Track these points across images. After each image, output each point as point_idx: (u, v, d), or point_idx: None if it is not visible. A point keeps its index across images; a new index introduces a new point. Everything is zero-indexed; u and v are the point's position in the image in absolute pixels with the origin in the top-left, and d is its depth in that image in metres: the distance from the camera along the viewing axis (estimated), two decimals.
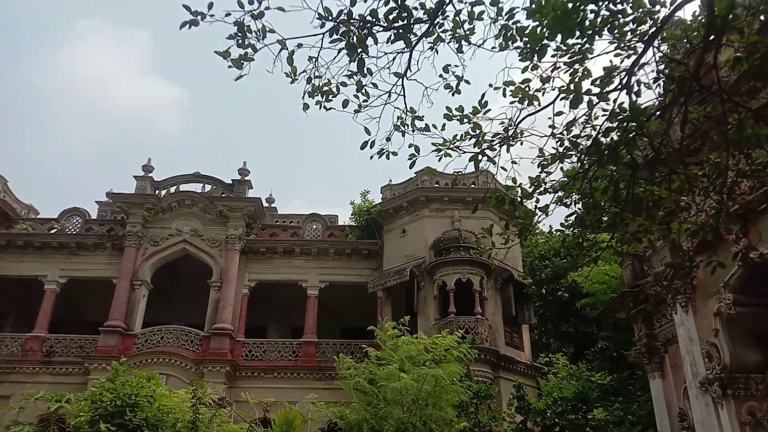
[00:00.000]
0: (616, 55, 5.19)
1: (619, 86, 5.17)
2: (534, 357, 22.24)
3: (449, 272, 19.94)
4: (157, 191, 23.56)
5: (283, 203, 65.68)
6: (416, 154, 5.63)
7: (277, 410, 15.20)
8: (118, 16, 75.19)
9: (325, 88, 5.56)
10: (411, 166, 5.94)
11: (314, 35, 5.03)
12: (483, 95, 5.48)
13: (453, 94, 5.63)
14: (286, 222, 26.30)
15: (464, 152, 5.78)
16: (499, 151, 5.65)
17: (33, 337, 21.73)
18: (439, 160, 5.68)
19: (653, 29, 5.08)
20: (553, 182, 6.00)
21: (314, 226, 24.42)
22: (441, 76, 5.52)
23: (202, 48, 73.64)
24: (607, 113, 5.31)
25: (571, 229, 9.03)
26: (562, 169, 6.18)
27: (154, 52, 77.18)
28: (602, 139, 5.49)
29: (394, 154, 6.01)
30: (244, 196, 23.54)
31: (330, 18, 4.99)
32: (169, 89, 75.05)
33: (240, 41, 4.89)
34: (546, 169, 5.73)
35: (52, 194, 63.69)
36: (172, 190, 23.78)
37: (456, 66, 5.54)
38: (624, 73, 5.15)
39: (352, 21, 5.05)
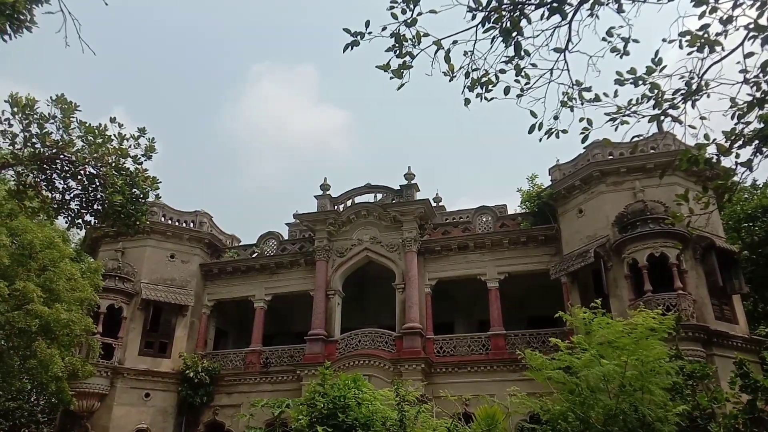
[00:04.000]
0: None
1: None
2: (752, 329, 19.78)
3: (639, 248, 18.54)
4: (335, 206, 25.21)
5: (451, 202, 66.51)
6: (589, 127, 5.38)
7: (476, 404, 15.31)
8: (283, 55, 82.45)
9: (484, 79, 5.55)
10: (584, 140, 5.70)
11: (467, 29, 5.07)
12: (656, 52, 5.08)
13: (621, 57, 5.29)
14: (456, 219, 26.47)
15: (642, 116, 5.40)
16: (684, 108, 5.17)
17: (251, 351, 24.51)
18: (616, 130, 5.37)
19: None
20: (753, 132, 5.34)
21: (484, 219, 24.26)
22: (605, 39, 5.22)
23: (362, 69, 77.70)
24: None
25: None
26: (761, 116, 5.48)
27: (320, 82, 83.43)
28: None
29: (564, 132, 5.80)
30: (413, 199, 24.17)
31: (480, 8, 4.99)
32: (337, 113, 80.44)
33: (398, 51, 5.09)
34: (743, 119, 5.11)
35: (248, 222, 71.36)
36: (348, 203, 25.27)
37: (620, 27, 5.21)
38: None
39: (503, 6, 4.99)
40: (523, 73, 5.38)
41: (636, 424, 10.37)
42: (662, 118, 5.38)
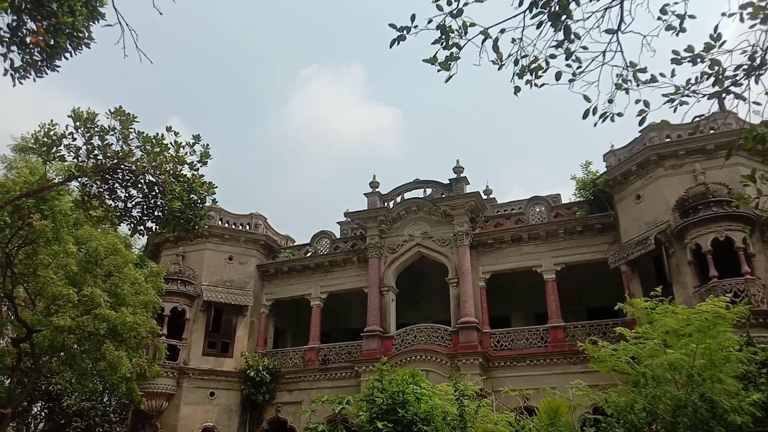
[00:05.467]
0: None
1: None
2: None
3: (703, 232, 17.82)
4: (385, 203, 25.29)
5: (503, 193, 65.81)
6: (646, 109, 5.18)
7: (536, 398, 15.08)
8: (330, 57, 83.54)
9: (534, 65, 5.43)
10: (641, 122, 5.50)
11: (514, 16, 4.98)
12: (715, 27, 4.84)
13: (677, 35, 5.07)
14: (508, 210, 26.08)
15: (702, 95, 5.17)
16: (747, 84, 4.92)
17: (310, 348, 24.92)
18: (674, 111, 5.15)
19: None
20: None
21: (538, 209, 23.79)
22: (659, 18, 5.02)
23: (409, 65, 77.83)
24: None
25: None
26: None
27: (367, 81, 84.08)
28: None
29: (620, 115, 5.62)
30: (463, 192, 23.97)
31: None
32: (386, 111, 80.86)
33: (444, 43, 5.05)
34: None
35: (300, 222, 72.70)
36: (398, 199, 25.30)
37: (675, 3, 5.00)
38: None
39: None
40: (574, 57, 5.24)
41: (707, 414, 9.98)
42: (724, 96, 5.14)
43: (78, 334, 16.92)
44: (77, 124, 10.37)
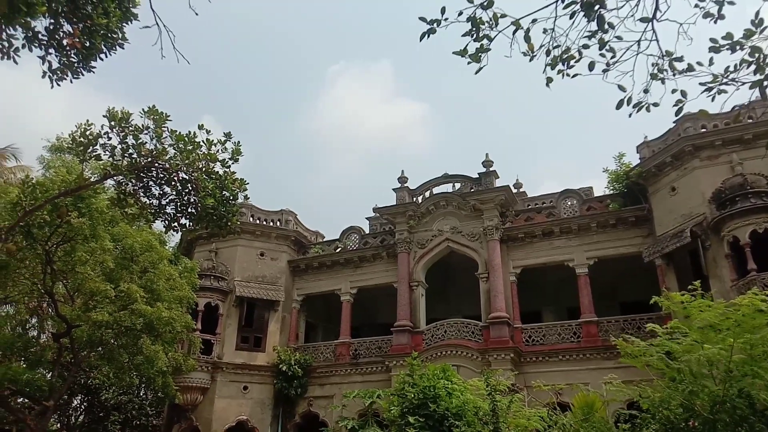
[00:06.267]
0: None
1: None
2: None
3: (740, 224, 17.36)
4: (414, 198, 25.24)
5: (534, 187, 65.13)
6: (683, 99, 5.06)
7: (569, 394, 14.91)
8: (358, 54, 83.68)
9: (566, 56, 5.34)
10: (677, 113, 5.38)
11: (546, 6, 4.91)
12: (757, 12, 4.69)
13: (715, 22, 4.93)
14: (538, 204, 25.78)
15: (742, 83, 5.02)
16: None
17: (340, 343, 25.10)
18: (713, 100, 5.01)
19: None
20: None
21: (569, 203, 23.44)
22: (696, 6, 4.89)
23: (438, 59, 77.48)
24: None
25: None
26: None
27: (396, 77, 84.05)
28: None
29: (655, 105, 5.49)
30: (492, 186, 23.75)
31: None
32: (415, 106, 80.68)
33: (475, 35, 5.00)
34: None
35: (330, 218, 73.13)
36: (427, 194, 25.21)
37: None
38: None
39: None
40: (607, 47, 5.14)
41: (747, 411, 9.73)
42: (765, 84, 4.99)
43: (115, 329, 17.31)
44: (112, 123, 10.58)
